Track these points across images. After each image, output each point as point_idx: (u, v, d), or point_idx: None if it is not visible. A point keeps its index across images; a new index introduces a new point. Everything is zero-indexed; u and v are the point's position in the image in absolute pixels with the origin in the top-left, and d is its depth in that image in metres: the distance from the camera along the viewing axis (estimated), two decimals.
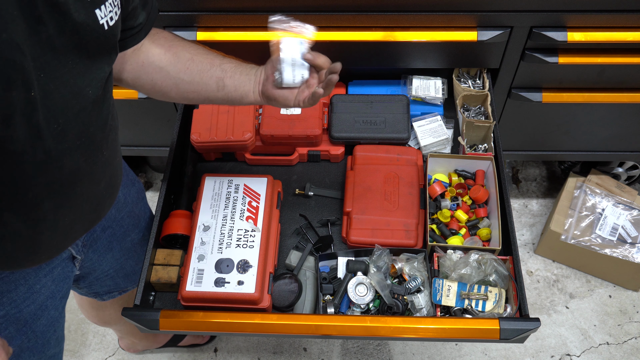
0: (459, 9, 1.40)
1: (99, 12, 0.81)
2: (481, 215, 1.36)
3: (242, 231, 1.24)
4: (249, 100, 1.09)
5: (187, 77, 1.06)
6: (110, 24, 0.84)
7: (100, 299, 1.40)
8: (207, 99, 1.10)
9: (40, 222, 0.91)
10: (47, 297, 1.11)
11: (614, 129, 1.77)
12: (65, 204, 0.93)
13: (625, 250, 1.95)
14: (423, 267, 1.26)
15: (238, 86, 1.07)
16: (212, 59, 1.07)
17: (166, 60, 1.05)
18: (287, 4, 1.41)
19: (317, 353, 1.98)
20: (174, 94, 1.09)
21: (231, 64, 1.08)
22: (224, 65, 1.07)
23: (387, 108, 1.48)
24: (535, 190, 2.37)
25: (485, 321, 1.11)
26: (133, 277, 1.38)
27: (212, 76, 1.06)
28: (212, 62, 1.06)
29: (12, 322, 1.06)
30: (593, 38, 1.44)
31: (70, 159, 0.87)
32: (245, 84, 1.07)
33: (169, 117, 1.77)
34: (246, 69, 1.09)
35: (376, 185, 1.37)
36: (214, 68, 1.06)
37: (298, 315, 1.20)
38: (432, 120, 1.50)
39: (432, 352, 1.97)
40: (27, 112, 0.76)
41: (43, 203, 0.88)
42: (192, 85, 1.07)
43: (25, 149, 0.79)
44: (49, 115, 0.79)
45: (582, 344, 1.99)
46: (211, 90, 1.07)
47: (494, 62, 1.55)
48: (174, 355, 2.00)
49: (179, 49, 1.06)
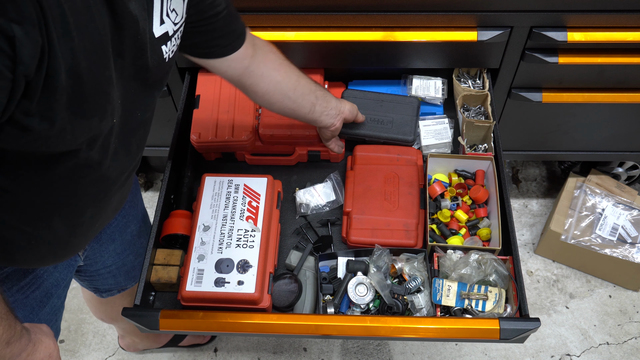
0: (459, 9, 1.40)
1: (165, 47, 0.89)
2: (481, 215, 1.36)
3: (242, 231, 1.24)
4: (321, 125, 1.31)
5: (293, 95, 1.20)
6: (170, 56, 0.92)
7: (99, 295, 1.41)
8: (295, 117, 1.27)
9: (77, 228, 0.99)
10: (52, 285, 1.14)
11: (614, 129, 1.77)
12: (101, 211, 1.03)
13: (625, 250, 1.95)
14: (423, 267, 1.26)
15: (318, 115, 1.26)
16: (309, 84, 1.23)
17: (280, 77, 1.18)
18: (287, 4, 1.41)
19: (317, 353, 1.98)
20: (277, 107, 1.23)
21: (321, 91, 1.26)
22: (317, 93, 1.24)
23: (396, 108, 1.46)
24: (535, 190, 2.37)
25: (485, 321, 1.11)
26: (133, 274, 1.40)
27: (309, 101, 1.23)
28: (310, 87, 1.23)
29: (20, 307, 1.08)
30: (593, 38, 1.44)
31: (115, 174, 0.96)
32: (324, 113, 1.27)
33: (169, 117, 1.77)
34: (328, 98, 1.28)
35: (376, 185, 1.37)
36: (311, 94, 1.23)
37: (298, 315, 1.20)
38: (439, 122, 1.50)
39: (432, 352, 1.97)
40: (107, 136, 0.85)
41: (86, 211, 0.97)
42: (294, 103, 1.21)
43: (93, 166, 0.87)
44: (114, 137, 0.88)
45: (582, 344, 1.99)
46: (304, 112, 1.24)
47: (494, 62, 1.55)
48: (174, 355, 2.00)
49: (287, 69, 1.19)
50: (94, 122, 0.78)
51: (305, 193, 1.39)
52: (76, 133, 0.76)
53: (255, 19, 1.43)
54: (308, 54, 1.54)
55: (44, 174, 0.82)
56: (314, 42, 1.47)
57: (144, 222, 1.39)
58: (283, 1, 1.40)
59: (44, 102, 0.68)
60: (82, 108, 0.74)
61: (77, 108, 0.73)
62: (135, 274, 1.40)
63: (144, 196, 2.36)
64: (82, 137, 0.78)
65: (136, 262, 1.38)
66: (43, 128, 0.71)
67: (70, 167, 0.83)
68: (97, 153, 0.85)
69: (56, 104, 0.70)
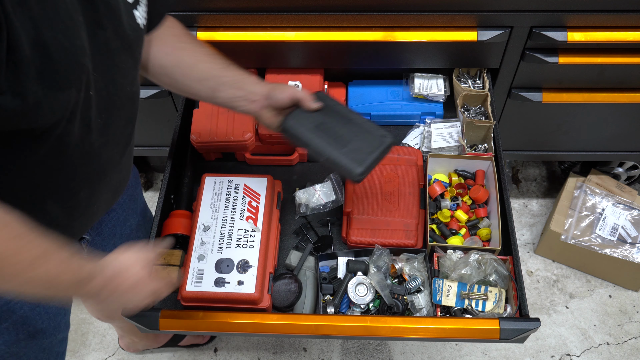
0: (459, 9, 1.40)
1: (137, 12, 0.88)
2: (481, 215, 1.36)
3: (242, 231, 1.24)
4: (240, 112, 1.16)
5: (187, 81, 1.12)
6: (144, 23, 0.91)
7: None
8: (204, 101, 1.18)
9: (74, 210, 0.98)
10: None
11: (614, 129, 1.77)
12: (96, 192, 1.00)
13: (625, 250, 1.95)
14: (423, 267, 1.26)
15: (229, 101, 1.14)
16: (211, 70, 1.11)
17: (169, 62, 1.10)
18: (287, 4, 1.41)
19: (317, 353, 1.98)
20: (172, 89, 1.16)
21: (232, 77, 1.12)
22: (223, 78, 1.12)
23: (361, 135, 1.14)
24: (535, 190, 2.37)
25: (485, 321, 1.11)
26: None
27: (207, 87, 1.12)
28: (211, 73, 1.11)
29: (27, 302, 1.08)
30: (593, 38, 1.44)
31: (107, 151, 0.94)
32: (236, 100, 1.13)
33: (169, 117, 1.77)
34: (242, 84, 1.13)
35: (376, 185, 1.37)
36: (211, 80, 1.11)
37: (298, 315, 1.20)
38: (452, 125, 1.50)
39: (432, 352, 1.97)
40: (84, 109, 0.82)
41: (80, 192, 0.95)
42: (189, 88, 1.13)
43: (77, 142, 0.85)
44: (96, 112, 0.86)
45: (582, 344, 1.99)
46: (204, 98, 1.15)
47: (494, 62, 1.55)
48: (174, 355, 2.00)
49: (184, 54, 1.11)
50: (71, 94, 0.76)
51: (305, 193, 1.39)
52: (54, 107, 0.75)
53: (255, 19, 1.44)
54: (308, 54, 1.54)
55: (28, 155, 0.81)
56: (314, 42, 1.47)
57: (143, 217, 1.39)
58: (283, 1, 1.40)
59: (11, 77, 0.67)
60: (55, 80, 0.72)
61: (50, 80, 0.72)
62: None
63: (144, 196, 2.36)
64: (60, 111, 0.77)
65: None
66: (17, 104, 0.69)
67: (54, 146, 0.82)
68: (79, 128, 0.83)
69: (25, 78, 0.68)
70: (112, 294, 0.91)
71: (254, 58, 1.56)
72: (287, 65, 1.57)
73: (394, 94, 1.60)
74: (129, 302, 0.96)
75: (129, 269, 0.93)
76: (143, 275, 0.94)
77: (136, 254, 0.95)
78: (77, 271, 0.84)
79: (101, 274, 0.88)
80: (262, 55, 1.55)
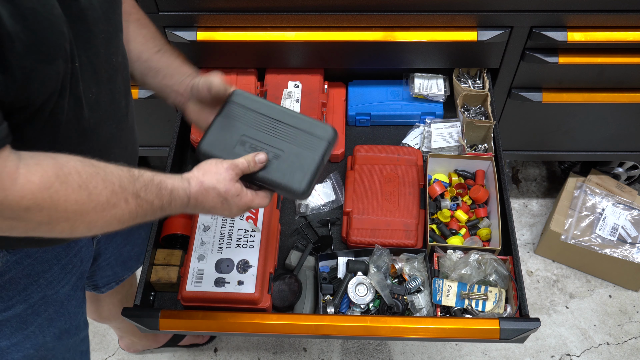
0: (459, 9, 1.40)
1: None
2: (481, 215, 1.36)
3: (242, 231, 1.24)
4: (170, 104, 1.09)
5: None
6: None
7: (98, 291, 1.41)
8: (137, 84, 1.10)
9: None
10: (78, 278, 1.13)
11: (614, 129, 1.77)
12: None
13: (625, 250, 1.95)
14: (423, 267, 1.26)
15: (157, 90, 1.07)
16: (141, 51, 1.04)
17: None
18: (287, 4, 1.41)
19: (317, 353, 1.98)
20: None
21: (157, 62, 1.04)
22: (150, 63, 1.04)
23: (296, 139, 0.95)
24: (535, 190, 2.37)
25: (485, 321, 1.11)
26: (129, 264, 1.38)
27: (136, 69, 1.05)
28: (139, 55, 1.04)
29: (51, 303, 1.07)
30: (593, 38, 1.44)
31: (104, 127, 0.91)
32: (164, 89, 1.06)
33: (169, 117, 1.77)
34: (172, 73, 1.05)
35: (376, 185, 1.37)
36: (139, 62, 1.04)
37: (298, 315, 1.20)
38: (452, 125, 1.50)
39: (432, 352, 1.97)
40: (73, 83, 0.80)
41: None
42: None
43: (70, 118, 0.82)
44: (84, 86, 0.83)
45: (582, 344, 1.99)
46: (137, 81, 1.07)
47: (494, 62, 1.55)
48: (174, 355, 2.00)
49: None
50: (59, 65, 0.75)
51: None
52: (44, 80, 0.74)
53: (255, 19, 1.44)
54: (308, 54, 1.54)
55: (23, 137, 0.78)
56: (314, 42, 1.47)
57: None
58: (283, 1, 1.40)
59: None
60: (42, 52, 0.72)
61: (37, 53, 0.71)
62: (132, 264, 1.39)
63: None
64: (52, 84, 0.76)
65: (132, 252, 1.37)
66: (9, 82, 0.68)
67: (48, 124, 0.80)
68: (71, 104, 0.81)
69: (10, 54, 0.67)
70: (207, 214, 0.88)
71: (254, 58, 1.56)
72: (287, 65, 1.57)
73: (394, 94, 1.60)
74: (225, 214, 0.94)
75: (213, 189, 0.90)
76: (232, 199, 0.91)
77: (219, 173, 0.90)
78: (159, 201, 0.83)
79: (188, 193, 0.87)
80: (262, 55, 1.55)
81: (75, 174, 0.74)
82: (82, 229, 0.77)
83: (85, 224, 0.76)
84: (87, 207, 0.75)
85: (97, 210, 0.76)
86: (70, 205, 0.73)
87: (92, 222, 0.77)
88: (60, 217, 0.73)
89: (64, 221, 0.74)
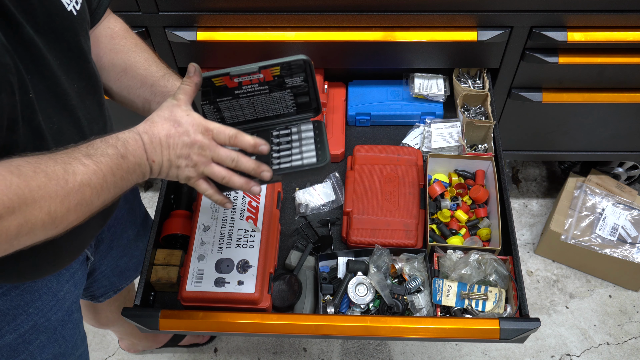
0: (459, 9, 1.40)
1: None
2: (481, 215, 1.36)
3: (242, 231, 1.24)
4: None
5: (116, 88, 1.02)
6: (77, 9, 0.83)
7: (96, 301, 1.40)
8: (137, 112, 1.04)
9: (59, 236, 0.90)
10: (72, 302, 1.12)
11: (614, 129, 1.77)
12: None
13: (625, 250, 1.95)
14: (423, 267, 1.26)
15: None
16: (145, 77, 1.00)
17: (100, 65, 1.00)
18: (287, 4, 1.41)
19: (317, 353, 1.98)
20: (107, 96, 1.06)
21: (164, 87, 0.99)
22: (155, 88, 0.99)
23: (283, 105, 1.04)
24: (535, 190, 2.37)
25: (485, 321, 1.11)
26: (127, 274, 1.38)
27: (140, 96, 1.00)
28: (144, 81, 1.00)
29: (42, 331, 1.05)
30: (593, 38, 1.44)
31: None
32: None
33: None
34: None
35: (376, 185, 1.37)
36: (143, 88, 1.00)
37: (298, 315, 1.20)
38: (452, 125, 1.49)
39: (432, 352, 1.97)
40: (27, 115, 0.75)
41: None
42: (120, 97, 1.03)
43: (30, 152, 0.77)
44: (44, 116, 0.79)
45: (582, 344, 1.99)
46: (138, 108, 1.03)
47: (494, 62, 1.55)
48: (174, 355, 2.00)
49: (117, 57, 1.01)
50: (2, 99, 0.69)
51: (305, 193, 1.39)
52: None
53: (255, 19, 1.44)
54: (308, 54, 1.53)
55: None
56: (314, 42, 1.47)
57: (142, 227, 1.37)
58: (283, 1, 1.40)
59: None
60: None
61: None
62: (130, 274, 1.39)
63: (144, 196, 2.36)
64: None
65: (130, 263, 1.36)
66: None
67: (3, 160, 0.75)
68: (27, 136, 0.76)
69: None
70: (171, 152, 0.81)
71: (254, 58, 1.55)
72: None
73: (394, 94, 1.60)
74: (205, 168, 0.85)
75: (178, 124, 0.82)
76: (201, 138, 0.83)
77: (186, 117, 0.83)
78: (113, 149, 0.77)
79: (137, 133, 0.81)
80: (262, 56, 1.55)
81: (24, 164, 0.69)
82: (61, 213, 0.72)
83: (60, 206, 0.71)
84: (51, 188, 0.70)
85: (61, 186, 0.71)
86: (35, 193, 0.69)
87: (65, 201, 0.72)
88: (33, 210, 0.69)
89: (38, 212, 0.69)
